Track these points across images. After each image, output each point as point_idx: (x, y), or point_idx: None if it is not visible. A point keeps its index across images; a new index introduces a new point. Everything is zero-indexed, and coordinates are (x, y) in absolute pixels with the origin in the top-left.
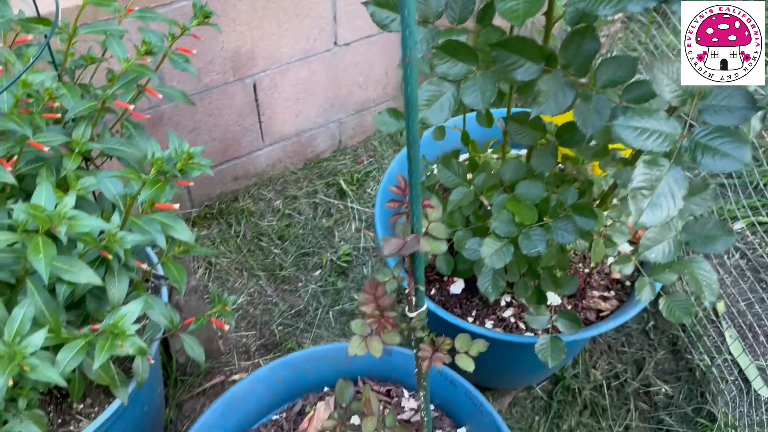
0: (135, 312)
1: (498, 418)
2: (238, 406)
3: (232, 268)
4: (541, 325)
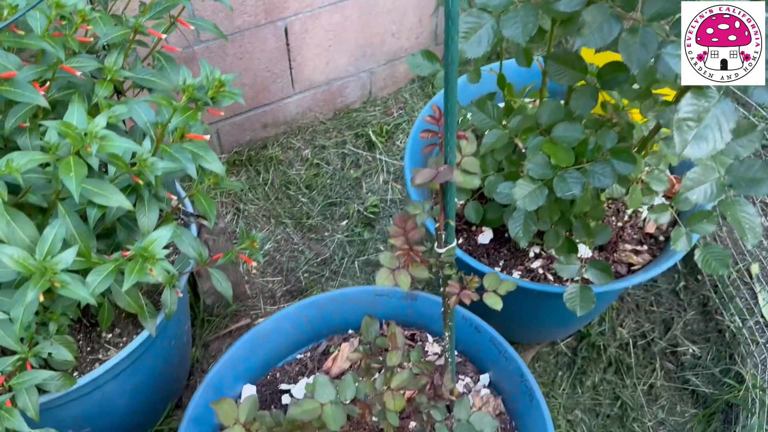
0: (165, 237)
1: (522, 364)
2: (264, 343)
3: (260, 214)
4: (570, 274)
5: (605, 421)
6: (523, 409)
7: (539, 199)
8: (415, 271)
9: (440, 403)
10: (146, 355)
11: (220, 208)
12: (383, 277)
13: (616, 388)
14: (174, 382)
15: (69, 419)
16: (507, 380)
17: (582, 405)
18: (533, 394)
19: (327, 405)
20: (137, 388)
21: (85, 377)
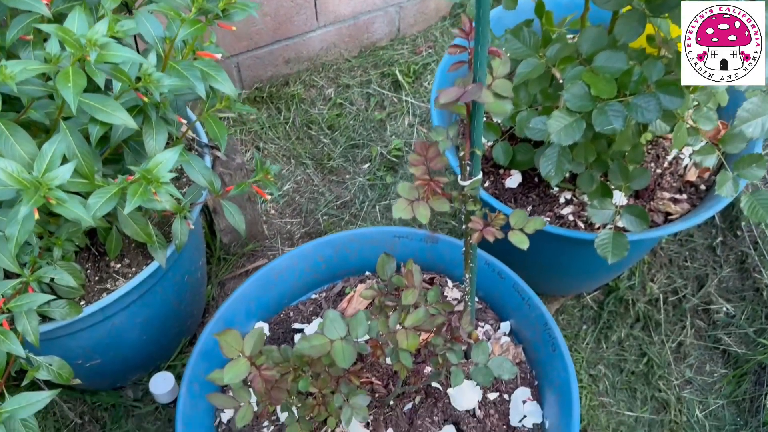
0: (171, 160)
1: (546, 312)
2: (277, 281)
3: (280, 154)
4: (604, 220)
5: (629, 377)
6: (545, 359)
7: (576, 133)
8: (436, 203)
9: (457, 346)
10: (157, 289)
11: (239, 146)
12: (400, 208)
13: (642, 345)
14: (187, 319)
15: (78, 349)
16: (529, 329)
17: (606, 360)
18: (556, 344)
19: (337, 341)
20: (148, 322)
21: (92, 306)
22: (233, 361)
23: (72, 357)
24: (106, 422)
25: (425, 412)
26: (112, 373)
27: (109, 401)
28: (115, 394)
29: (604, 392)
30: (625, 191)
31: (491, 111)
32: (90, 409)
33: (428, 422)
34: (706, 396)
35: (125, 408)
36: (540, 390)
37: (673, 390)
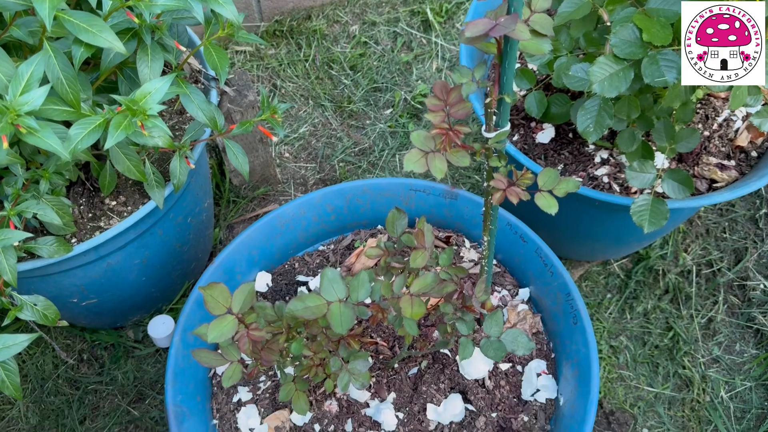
0: (161, 90)
1: (570, 281)
2: (283, 230)
3: (298, 94)
4: (643, 184)
5: (652, 351)
6: (565, 331)
7: (621, 84)
8: (454, 156)
9: (468, 316)
10: (156, 229)
11: (257, 83)
12: (413, 159)
13: (669, 318)
14: (191, 262)
15: (72, 287)
16: (549, 297)
17: (629, 331)
18: (578, 316)
19: (335, 304)
20: (147, 263)
21: (82, 245)
22: (219, 318)
23: (66, 295)
24: (105, 362)
25: (431, 378)
26: (110, 312)
27: (109, 341)
28: (115, 333)
29: (624, 365)
30: (669, 153)
31: (526, 51)
32: (89, 347)
33: (433, 389)
34: (734, 377)
35: (125, 348)
36: (557, 363)
37: (698, 368)
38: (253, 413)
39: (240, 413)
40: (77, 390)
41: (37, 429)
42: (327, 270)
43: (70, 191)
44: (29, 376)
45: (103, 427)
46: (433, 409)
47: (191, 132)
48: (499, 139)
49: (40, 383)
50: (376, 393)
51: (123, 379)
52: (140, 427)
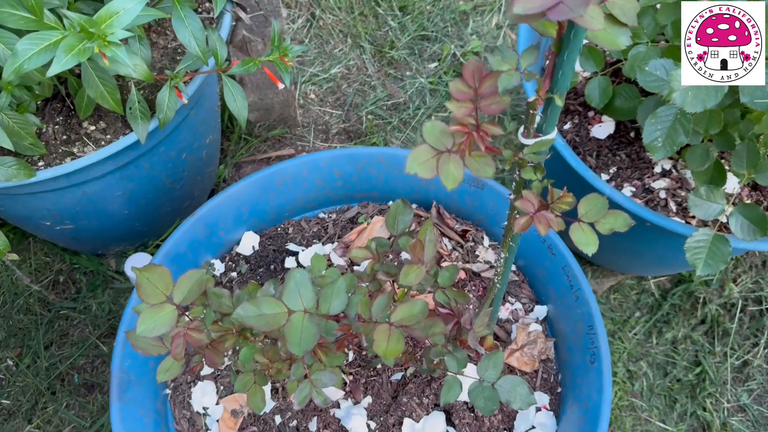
0: (131, 11)
1: (596, 311)
2: (281, 189)
3: (337, 29)
4: (707, 215)
5: (673, 384)
6: (579, 368)
7: (710, 99)
8: (475, 162)
9: (460, 352)
10: (141, 163)
11: (293, 9)
12: (420, 159)
13: (700, 352)
14: (185, 199)
15: (43, 210)
16: (569, 324)
17: (651, 357)
18: (598, 354)
19: (297, 314)
20: (131, 197)
21: (46, 172)
22: (155, 307)
23: (37, 217)
24: (81, 287)
25: (415, 388)
26: (88, 240)
27: (89, 266)
28: (96, 260)
29: (638, 393)
30: (745, 179)
31: (599, 42)
32: (68, 269)
33: (415, 402)
34: (759, 431)
35: (104, 277)
36: (561, 400)
37: (721, 413)
38: (210, 390)
39: (196, 387)
40: (48, 312)
41: (1, 345)
42: (294, 271)
43: (47, 106)
44: (2, 287)
45: (69, 356)
46: (411, 425)
47: (188, 61)
48: (538, 149)
49: (11, 297)
50: (350, 393)
51: (97, 309)
52: (106, 363)
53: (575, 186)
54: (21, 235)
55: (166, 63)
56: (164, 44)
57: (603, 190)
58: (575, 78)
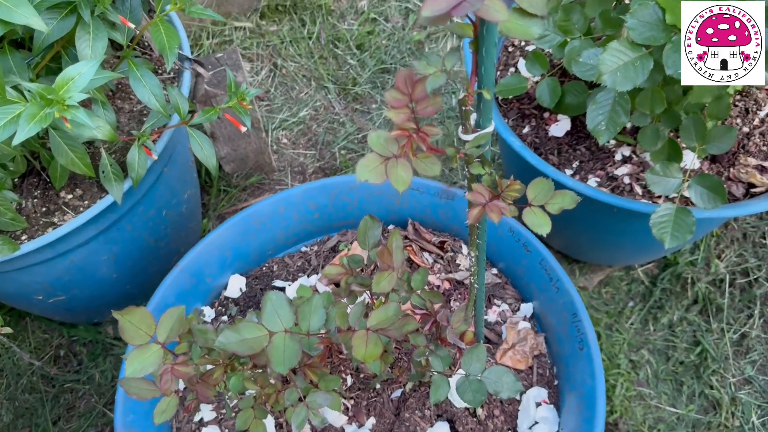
0: (86, 75)
1: (577, 299)
2: (259, 228)
3: (300, 74)
4: (666, 191)
5: (676, 367)
6: (570, 357)
7: (638, 75)
8: (422, 164)
9: (442, 350)
10: (123, 224)
11: (255, 62)
12: (369, 167)
13: (697, 332)
14: (171, 256)
15: (35, 285)
16: (554, 316)
17: (651, 345)
18: (585, 341)
19: (278, 335)
20: (118, 259)
21: (30, 244)
22: (140, 348)
23: (29, 292)
24: (83, 359)
25: (416, 402)
26: (82, 309)
27: (87, 337)
28: (94, 329)
29: (644, 381)
30: (700, 153)
31: (510, 34)
32: (68, 342)
33: (418, 416)
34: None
35: (104, 346)
36: (560, 392)
37: (728, 388)
38: None
39: None
40: (53, 388)
41: (9, 427)
42: (270, 293)
43: (23, 182)
44: (5, 370)
45: (78, 428)
46: None
47: (153, 119)
48: (478, 143)
49: (15, 379)
50: (354, 417)
51: (101, 378)
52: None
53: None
54: (17, 316)
55: (133, 125)
56: (130, 108)
57: (567, 184)
58: (525, 83)
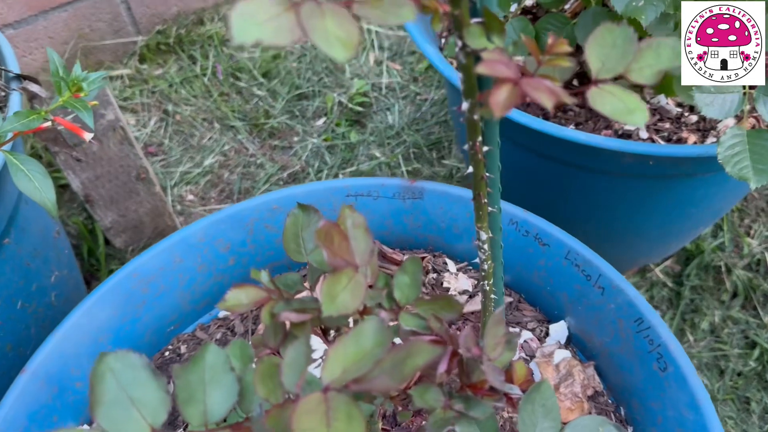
0: None
1: (638, 298)
2: (148, 293)
3: (198, 118)
4: (724, 111)
5: (735, 381)
6: (645, 386)
7: None
8: (376, 6)
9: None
10: None
11: (142, 112)
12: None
13: (748, 330)
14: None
15: None
16: (604, 330)
17: (696, 359)
18: (667, 356)
19: None
20: None
21: None
22: None
23: None
24: None
25: None
26: None
27: None
28: None
29: None
30: None
31: None
32: None
33: None
34: None
35: None
36: None
37: None
38: None
39: None
40: None
41: None
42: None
43: None
44: None
45: None
46: None
47: None
48: None
49: None
50: None
51: None
52: None
53: (541, 164)
54: None
55: None
56: None
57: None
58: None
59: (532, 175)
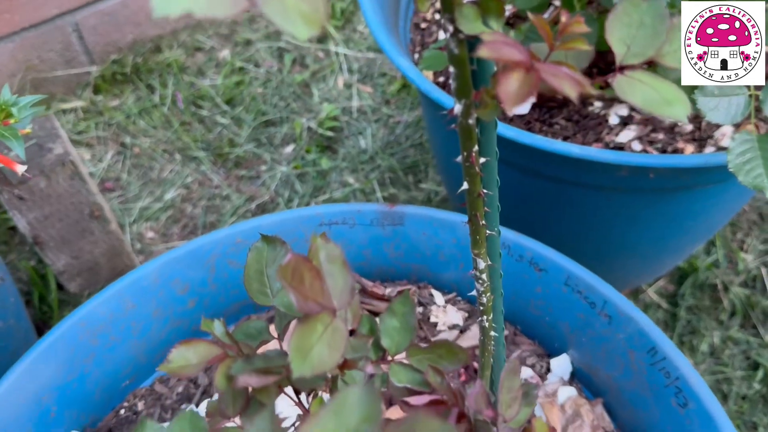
0: None
1: (650, 326)
2: (98, 345)
3: (159, 149)
4: (730, 116)
5: (740, 405)
6: (663, 424)
7: None
8: None
9: None
10: None
11: (95, 146)
12: None
13: (749, 350)
14: None
15: None
16: (613, 363)
17: None
18: (686, 390)
19: None
20: None
21: None
22: None
23: None
24: None
25: None
26: None
27: None
28: None
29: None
30: None
31: None
32: None
33: None
34: None
35: None
36: None
37: None
38: None
39: None
40: None
41: None
42: None
43: None
44: None
45: None
46: None
47: None
48: None
49: None
50: None
51: None
52: None
53: (528, 181)
54: None
55: None
56: None
57: (573, 153)
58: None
59: (517, 193)
